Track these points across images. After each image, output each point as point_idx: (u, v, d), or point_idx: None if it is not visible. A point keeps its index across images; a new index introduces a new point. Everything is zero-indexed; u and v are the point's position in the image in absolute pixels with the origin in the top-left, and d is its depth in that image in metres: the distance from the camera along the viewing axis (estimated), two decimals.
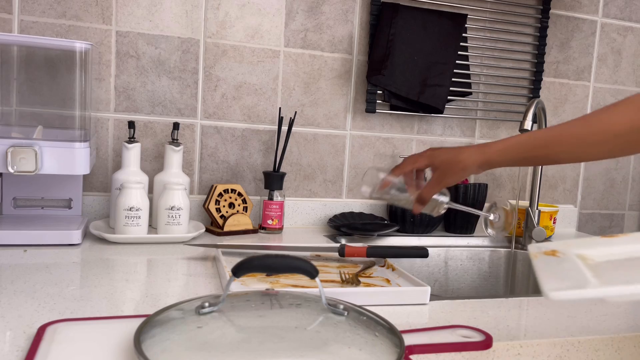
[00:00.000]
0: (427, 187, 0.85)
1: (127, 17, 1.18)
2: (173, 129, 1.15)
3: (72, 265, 0.87)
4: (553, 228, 1.41)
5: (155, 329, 0.54)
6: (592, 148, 0.75)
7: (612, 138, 0.75)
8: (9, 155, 0.91)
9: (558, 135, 0.79)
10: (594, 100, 1.59)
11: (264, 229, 1.23)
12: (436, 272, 1.31)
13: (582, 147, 0.77)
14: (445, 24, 1.35)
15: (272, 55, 1.29)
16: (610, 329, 0.73)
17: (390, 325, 0.58)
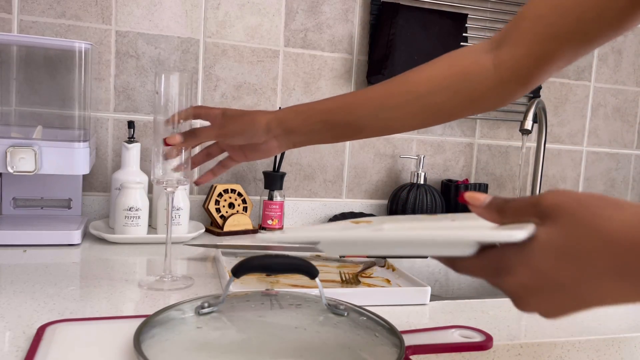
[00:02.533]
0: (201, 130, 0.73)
1: (126, 16, 1.18)
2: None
3: (72, 266, 0.87)
4: None
5: (155, 329, 0.54)
6: (394, 112, 0.65)
7: (413, 99, 0.65)
8: (8, 155, 0.91)
9: (361, 96, 0.68)
10: (595, 100, 1.59)
11: (264, 229, 1.23)
12: (436, 273, 1.31)
13: (384, 110, 0.65)
14: (445, 24, 1.35)
15: (272, 55, 1.28)
16: (610, 329, 0.73)
17: (391, 326, 0.58)
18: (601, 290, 0.36)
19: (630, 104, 1.63)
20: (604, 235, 0.35)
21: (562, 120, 1.56)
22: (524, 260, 0.38)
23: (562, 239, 0.37)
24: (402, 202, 1.31)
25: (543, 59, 0.64)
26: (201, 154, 0.84)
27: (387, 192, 1.41)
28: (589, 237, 0.36)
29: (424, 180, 1.34)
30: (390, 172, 1.41)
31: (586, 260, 0.36)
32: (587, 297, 0.37)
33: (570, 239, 0.36)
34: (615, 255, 0.35)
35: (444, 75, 0.66)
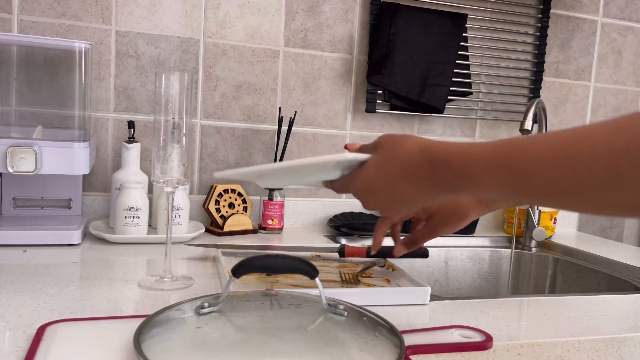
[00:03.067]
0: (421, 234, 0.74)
1: (126, 16, 1.18)
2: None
3: (72, 266, 0.87)
4: (553, 228, 1.41)
5: (155, 329, 0.54)
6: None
7: None
8: (8, 155, 0.91)
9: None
10: (595, 100, 1.59)
11: (264, 229, 1.23)
12: (436, 273, 1.31)
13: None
14: (445, 23, 1.35)
15: (272, 55, 1.28)
16: (610, 329, 0.73)
17: (391, 326, 0.58)
18: (400, 190, 0.56)
19: (630, 104, 1.63)
20: (396, 154, 0.57)
21: (562, 120, 1.56)
22: (360, 173, 0.60)
23: (379, 159, 0.58)
24: None
25: None
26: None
27: None
28: (390, 157, 0.57)
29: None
30: None
31: (389, 170, 0.57)
32: (395, 194, 0.57)
33: (382, 158, 0.58)
34: (401, 168, 0.56)
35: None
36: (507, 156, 0.47)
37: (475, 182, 0.50)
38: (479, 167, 0.49)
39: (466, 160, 0.50)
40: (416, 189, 0.56)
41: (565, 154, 0.43)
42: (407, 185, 0.56)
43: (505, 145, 0.48)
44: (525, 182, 0.46)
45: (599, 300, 0.86)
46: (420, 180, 0.55)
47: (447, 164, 0.52)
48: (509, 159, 0.47)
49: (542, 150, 0.45)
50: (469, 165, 0.50)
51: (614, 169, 0.40)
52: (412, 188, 0.56)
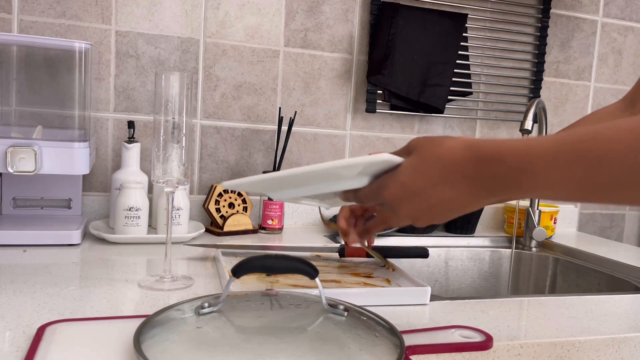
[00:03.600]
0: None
1: (126, 16, 1.18)
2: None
3: (72, 266, 0.87)
4: (554, 228, 1.41)
5: (155, 329, 0.54)
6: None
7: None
8: (8, 155, 0.91)
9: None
10: (595, 100, 1.59)
11: (264, 229, 1.23)
12: (436, 273, 1.31)
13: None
14: (445, 23, 1.35)
15: (272, 55, 1.28)
16: (610, 330, 0.73)
17: (391, 326, 0.58)
18: (440, 194, 0.51)
19: None
20: (436, 154, 0.51)
21: (562, 120, 1.56)
22: (393, 177, 0.53)
23: (415, 161, 0.52)
24: None
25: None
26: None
27: None
28: (428, 158, 0.51)
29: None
30: None
31: (427, 172, 0.51)
32: (433, 199, 0.51)
33: (419, 160, 0.52)
34: (442, 169, 0.50)
35: None
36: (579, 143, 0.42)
37: (534, 180, 0.44)
38: (540, 161, 0.43)
39: (523, 154, 0.45)
40: (458, 193, 0.50)
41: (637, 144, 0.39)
42: (448, 188, 0.50)
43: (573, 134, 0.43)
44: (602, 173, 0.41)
45: (599, 300, 0.86)
46: (463, 181, 0.49)
47: (499, 159, 0.46)
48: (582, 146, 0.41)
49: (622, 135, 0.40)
50: (527, 159, 0.44)
51: None
52: (453, 191, 0.50)
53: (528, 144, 0.45)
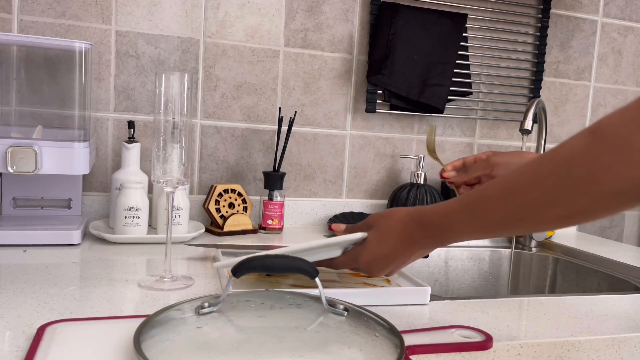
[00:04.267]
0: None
1: (126, 16, 1.18)
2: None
3: (72, 265, 0.87)
4: None
5: (155, 329, 0.54)
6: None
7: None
8: (8, 155, 0.91)
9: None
10: (595, 100, 1.59)
11: (264, 229, 1.23)
12: (436, 272, 1.31)
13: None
14: (445, 23, 1.35)
15: (272, 55, 1.28)
16: (610, 329, 0.73)
17: (391, 326, 0.58)
18: (401, 253, 0.70)
19: None
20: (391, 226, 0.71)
21: (562, 120, 1.56)
22: (364, 248, 0.73)
23: (378, 233, 0.72)
24: (402, 202, 1.31)
25: None
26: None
27: (387, 192, 1.41)
28: (386, 229, 0.71)
29: (424, 180, 1.34)
30: (390, 172, 1.41)
31: (389, 240, 0.71)
32: (397, 258, 0.71)
33: (380, 232, 0.72)
34: (398, 235, 0.70)
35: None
36: (470, 204, 0.60)
37: (453, 232, 0.64)
38: (453, 219, 0.63)
39: (443, 218, 0.65)
40: (410, 249, 0.70)
41: (509, 188, 0.55)
42: (405, 248, 0.70)
43: (471, 195, 0.61)
44: (486, 222, 0.59)
45: (599, 300, 0.86)
46: (415, 241, 0.69)
47: (432, 223, 0.66)
48: (472, 207, 0.60)
49: (493, 192, 0.57)
50: (446, 220, 0.64)
51: (543, 191, 0.51)
52: (407, 249, 0.70)
53: (446, 208, 0.64)
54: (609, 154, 0.47)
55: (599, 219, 0.51)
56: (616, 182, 0.46)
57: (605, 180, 0.47)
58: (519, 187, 0.54)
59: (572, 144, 0.50)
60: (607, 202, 0.48)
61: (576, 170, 0.49)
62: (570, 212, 0.51)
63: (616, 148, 0.46)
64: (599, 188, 0.48)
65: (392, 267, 0.72)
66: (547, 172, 0.51)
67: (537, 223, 0.54)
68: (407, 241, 0.70)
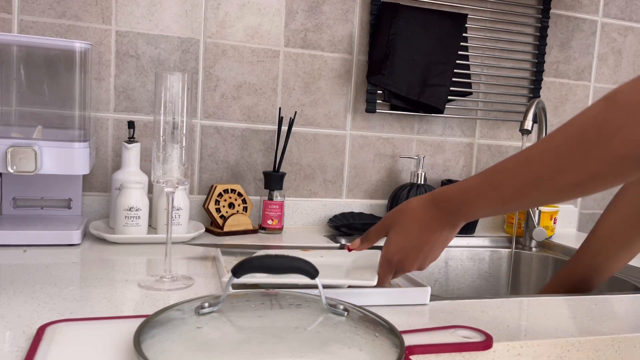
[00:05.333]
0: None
1: (126, 16, 1.18)
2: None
3: (72, 266, 0.87)
4: (553, 228, 1.41)
5: (155, 329, 0.54)
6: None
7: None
8: (8, 155, 0.91)
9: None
10: (595, 100, 1.59)
11: (264, 229, 1.23)
12: (436, 272, 1.31)
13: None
14: (445, 24, 1.35)
15: (272, 55, 1.28)
16: (610, 329, 0.73)
17: (391, 326, 0.58)
18: (426, 239, 0.70)
19: None
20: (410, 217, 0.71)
21: (562, 120, 1.56)
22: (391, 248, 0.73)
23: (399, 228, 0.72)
24: (402, 202, 1.31)
25: None
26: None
27: (387, 192, 1.41)
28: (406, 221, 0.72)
29: (424, 180, 1.34)
30: (390, 172, 1.41)
31: (411, 230, 0.71)
32: (423, 246, 0.71)
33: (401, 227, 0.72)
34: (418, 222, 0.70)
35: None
36: (487, 177, 0.62)
37: (472, 206, 0.65)
38: (471, 194, 0.64)
39: (461, 194, 0.66)
40: (438, 233, 0.70)
41: (524, 158, 0.58)
42: (430, 233, 0.70)
43: (487, 170, 0.62)
44: (503, 193, 0.60)
45: (598, 300, 0.86)
46: (438, 224, 0.69)
47: (451, 201, 0.67)
48: (488, 179, 0.62)
49: (509, 163, 0.60)
50: (464, 197, 0.65)
51: (557, 157, 0.54)
52: (434, 234, 0.70)
53: (463, 183, 0.66)
54: (619, 118, 0.49)
55: (608, 187, 0.53)
56: (625, 146, 0.49)
57: (615, 144, 0.49)
58: (534, 155, 0.56)
59: (587, 111, 0.52)
60: (616, 166, 0.50)
61: (588, 135, 0.51)
62: (582, 177, 0.52)
63: (627, 113, 0.48)
64: (608, 152, 0.50)
65: (422, 256, 0.72)
66: (562, 138, 0.54)
67: (550, 191, 0.56)
68: (429, 226, 0.70)
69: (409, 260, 0.72)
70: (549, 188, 0.56)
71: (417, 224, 0.70)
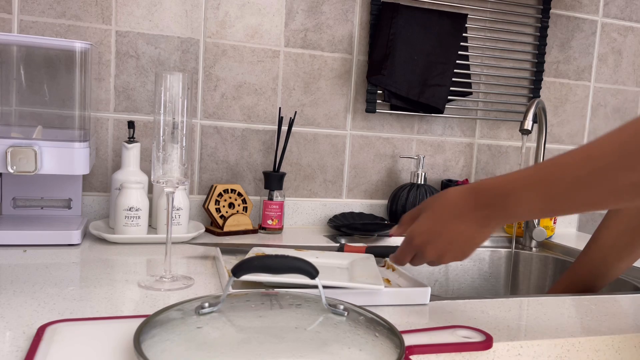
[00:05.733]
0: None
1: (126, 17, 1.18)
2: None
3: (72, 266, 0.87)
4: (553, 228, 1.41)
5: (155, 329, 0.54)
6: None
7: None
8: (8, 155, 0.91)
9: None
10: (595, 100, 1.59)
11: (264, 229, 1.23)
12: (436, 272, 1.31)
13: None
14: (445, 24, 1.35)
15: (272, 55, 1.28)
16: (610, 329, 0.73)
17: (391, 326, 0.58)
18: (454, 229, 0.64)
19: (630, 104, 1.63)
20: (443, 202, 0.66)
21: (562, 120, 1.56)
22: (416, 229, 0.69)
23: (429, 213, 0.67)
24: (402, 202, 1.31)
25: None
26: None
27: (387, 192, 1.41)
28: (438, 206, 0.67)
29: (424, 180, 1.34)
30: (390, 172, 1.41)
31: (441, 216, 0.66)
32: (450, 235, 0.65)
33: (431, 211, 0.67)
34: (451, 208, 0.65)
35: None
36: (540, 170, 0.57)
37: (515, 200, 0.59)
38: (518, 184, 0.59)
39: (505, 184, 0.60)
40: (466, 224, 0.64)
41: (584, 153, 0.54)
42: (458, 222, 0.64)
43: (540, 164, 0.58)
44: (553, 188, 0.56)
45: (598, 300, 0.86)
46: (468, 212, 0.63)
47: (490, 188, 0.61)
48: (541, 172, 0.57)
49: (566, 158, 0.55)
50: (509, 185, 0.59)
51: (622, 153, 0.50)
52: (462, 224, 0.64)
53: (510, 174, 0.60)
54: None
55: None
56: None
57: None
58: (595, 151, 0.53)
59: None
60: None
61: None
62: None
63: None
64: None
65: (443, 246, 0.66)
66: (630, 135, 0.50)
67: (607, 191, 0.52)
68: (460, 214, 0.64)
69: (429, 246, 0.67)
70: (607, 187, 0.52)
71: (448, 210, 0.65)
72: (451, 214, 0.65)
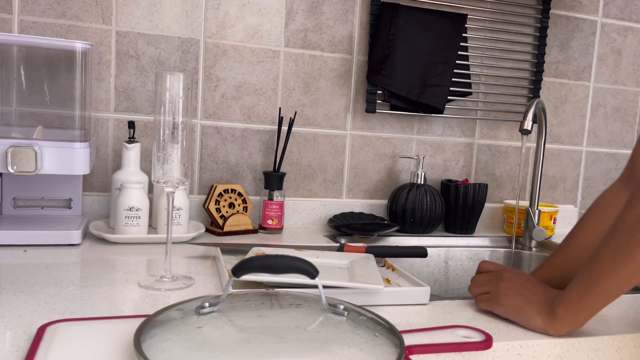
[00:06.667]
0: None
1: (127, 17, 1.18)
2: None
3: (72, 265, 0.87)
4: (553, 228, 1.41)
5: (155, 329, 0.54)
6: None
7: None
8: (8, 155, 0.91)
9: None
10: (594, 100, 1.59)
11: (264, 229, 1.23)
12: (436, 272, 1.31)
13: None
14: (445, 24, 1.35)
15: (272, 55, 1.29)
16: (610, 329, 0.73)
17: (390, 326, 0.58)
18: (533, 289, 0.73)
19: (629, 104, 1.63)
20: (537, 287, 0.74)
21: (562, 121, 1.56)
22: (510, 279, 0.76)
23: (527, 279, 0.76)
24: (402, 202, 1.31)
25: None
26: None
27: (387, 192, 1.41)
28: (535, 284, 0.76)
29: (424, 180, 1.34)
30: (390, 172, 1.41)
31: (532, 290, 0.74)
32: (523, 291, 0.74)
33: (531, 280, 0.76)
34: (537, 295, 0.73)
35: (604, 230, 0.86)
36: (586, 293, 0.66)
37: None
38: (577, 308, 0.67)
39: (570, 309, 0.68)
40: (530, 315, 0.71)
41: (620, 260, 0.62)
42: (529, 307, 0.71)
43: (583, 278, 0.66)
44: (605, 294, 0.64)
45: None
46: (538, 289, 0.73)
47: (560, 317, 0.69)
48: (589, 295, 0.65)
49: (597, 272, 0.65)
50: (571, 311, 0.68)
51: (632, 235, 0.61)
52: (528, 314, 0.71)
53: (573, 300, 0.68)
54: None
55: None
56: None
57: None
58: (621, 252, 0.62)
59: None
60: None
61: None
62: None
63: None
64: None
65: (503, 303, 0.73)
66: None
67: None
68: (530, 297, 0.72)
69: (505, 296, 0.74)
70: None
71: (528, 282, 0.74)
72: (528, 281, 0.74)
